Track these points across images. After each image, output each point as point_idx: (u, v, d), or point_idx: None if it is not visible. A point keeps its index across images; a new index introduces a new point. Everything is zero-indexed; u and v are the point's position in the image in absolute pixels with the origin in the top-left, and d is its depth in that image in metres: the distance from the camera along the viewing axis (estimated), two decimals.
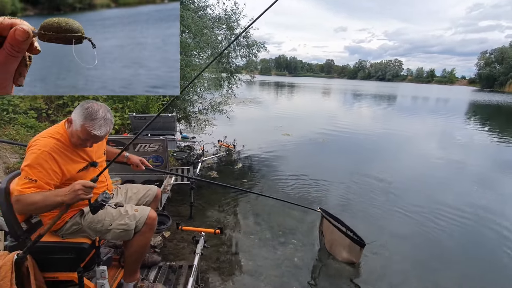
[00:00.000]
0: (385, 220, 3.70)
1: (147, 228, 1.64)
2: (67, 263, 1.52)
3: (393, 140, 8.60)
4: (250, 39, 9.63)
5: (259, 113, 12.42)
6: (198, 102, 6.64)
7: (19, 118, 3.33)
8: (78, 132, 1.40)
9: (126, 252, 1.68)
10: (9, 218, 1.42)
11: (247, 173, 5.00)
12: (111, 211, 1.61)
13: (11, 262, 1.33)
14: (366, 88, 47.77)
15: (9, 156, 2.93)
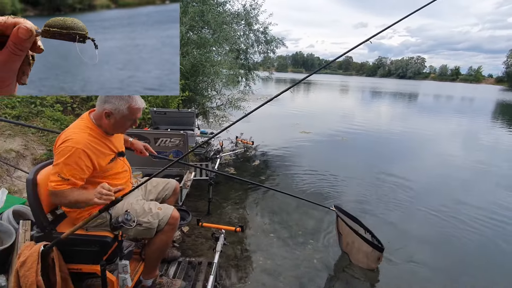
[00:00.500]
0: (406, 221, 3.54)
1: (169, 227, 1.63)
2: (90, 255, 1.53)
3: (415, 140, 8.26)
4: (268, 35, 9.51)
5: (275, 110, 12.29)
6: (216, 98, 6.62)
7: (46, 111, 3.43)
8: (127, 115, 1.47)
9: (147, 249, 1.67)
10: (35, 209, 1.43)
11: (264, 170, 4.95)
12: (135, 208, 1.60)
13: (38, 253, 1.35)
14: (385, 86, 46.36)
15: (36, 148, 3.02)
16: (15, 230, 1.82)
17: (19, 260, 1.34)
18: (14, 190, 2.43)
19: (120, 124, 1.50)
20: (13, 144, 2.85)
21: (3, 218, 1.84)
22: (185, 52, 5.23)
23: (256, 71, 9.55)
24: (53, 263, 1.41)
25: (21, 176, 2.59)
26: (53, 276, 1.41)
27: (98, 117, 1.49)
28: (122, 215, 1.33)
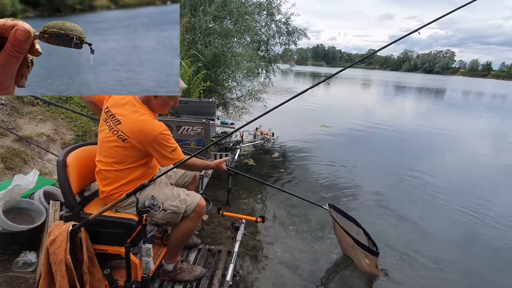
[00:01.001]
0: (430, 220, 3.39)
1: (195, 214, 1.65)
2: (115, 237, 1.56)
3: (440, 137, 7.86)
4: (290, 25, 9.30)
5: (295, 103, 12.02)
6: (237, 89, 6.60)
7: (74, 97, 3.55)
8: (172, 95, 1.56)
9: (172, 234, 1.69)
10: (65, 190, 1.47)
11: (283, 162, 4.90)
12: (164, 191, 1.62)
13: (66, 233, 1.39)
14: (411, 80, 44.40)
15: (66, 133, 3.14)
16: (46, 210, 1.91)
17: (49, 238, 1.39)
18: (45, 172, 2.54)
19: (165, 103, 1.60)
20: (44, 128, 2.98)
21: (35, 198, 1.93)
22: (207, 42, 5.22)
23: (277, 63, 9.41)
24: (80, 243, 1.45)
25: (51, 159, 2.70)
26: (80, 255, 1.45)
27: (146, 99, 1.57)
28: (149, 199, 1.34)
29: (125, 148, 1.49)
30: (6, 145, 2.46)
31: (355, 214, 3.36)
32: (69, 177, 1.52)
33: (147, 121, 1.49)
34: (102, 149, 1.55)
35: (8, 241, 1.71)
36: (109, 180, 1.54)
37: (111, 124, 1.51)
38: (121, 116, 1.50)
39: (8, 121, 2.75)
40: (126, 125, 1.48)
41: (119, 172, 1.53)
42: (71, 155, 1.58)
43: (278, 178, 4.25)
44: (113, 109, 1.54)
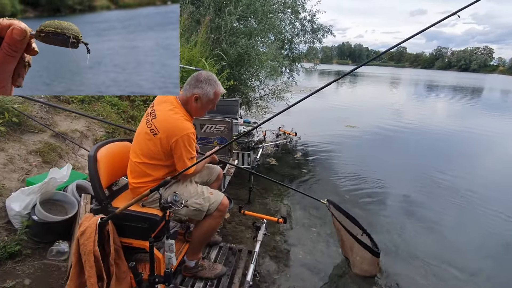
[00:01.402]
0: (460, 231, 3.16)
1: (218, 213, 1.66)
2: (140, 231, 1.60)
3: (476, 140, 7.32)
4: (315, 23, 9.12)
5: (319, 102, 11.87)
6: (260, 88, 6.59)
7: (106, 96, 3.72)
8: (212, 99, 1.63)
9: (194, 232, 1.72)
10: (94, 183, 1.54)
11: (306, 163, 4.82)
12: (189, 188, 1.65)
13: (95, 225, 1.45)
14: (444, 79, 41.86)
15: (97, 130, 3.30)
16: (78, 202, 2.01)
17: (79, 229, 1.46)
18: (78, 166, 2.69)
19: (204, 107, 1.65)
20: (78, 125, 3.15)
21: (68, 190, 2.04)
22: (232, 42, 5.25)
23: (301, 62, 9.28)
24: (108, 235, 1.51)
25: (83, 155, 2.85)
26: (107, 247, 1.51)
27: (186, 101, 1.61)
28: (171, 195, 1.37)
29: (154, 143, 1.54)
30: (44, 140, 2.63)
31: (381, 219, 3.23)
32: (99, 172, 1.58)
33: (179, 119, 1.54)
34: (136, 141, 1.63)
35: (45, 231, 1.83)
36: (136, 174, 1.60)
37: (149, 118, 1.59)
38: (158, 111, 1.57)
39: (47, 117, 2.94)
40: (159, 120, 1.54)
41: (146, 167, 1.58)
42: (101, 150, 1.64)
43: (299, 178, 4.19)
44: (156, 105, 1.62)
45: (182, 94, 1.63)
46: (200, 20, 5.30)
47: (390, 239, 2.87)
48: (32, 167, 2.33)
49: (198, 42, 4.62)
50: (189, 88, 1.60)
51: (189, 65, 4.20)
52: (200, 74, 1.62)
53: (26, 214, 1.84)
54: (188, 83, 1.61)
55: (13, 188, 2.09)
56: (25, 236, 1.80)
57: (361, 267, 2.17)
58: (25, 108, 2.69)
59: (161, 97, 1.66)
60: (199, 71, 1.66)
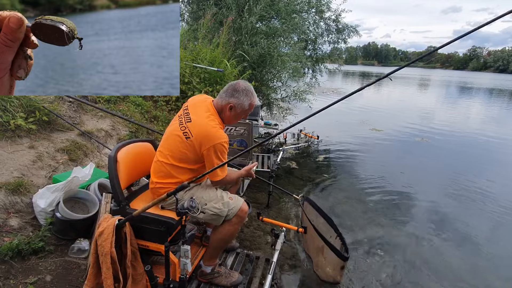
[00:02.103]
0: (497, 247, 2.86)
1: (237, 219, 1.62)
2: (157, 234, 1.58)
3: None
4: (340, 23, 8.86)
5: (342, 105, 11.50)
6: (281, 89, 6.49)
7: (130, 96, 3.82)
8: (246, 110, 1.64)
9: (212, 237, 1.67)
10: (114, 184, 1.54)
11: (327, 167, 4.65)
12: (208, 192, 1.63)
13: (113, 226, 1.44)
14: (479, 80, 39.23)
15: (121, 129, 3.38)
16: (99, 201, 2.04)
17: (98, 230, 1.46)
18: (102, 165, 2.76)
19: (237, 117, 1.66)
20: (103, 124, 3.24)
21: (90, 189, 2.08)
22: (253, 42, 5.21)
23: (324, 63, 9.05)
24: (125, 237, 1.50)
25: (107, 153, 2.93)
26: (124, 249, 1.50)
27: (221, 108, 1.62)
28: (188, 200, 1.33)
29: (186, 146, 1.53)
30: (71, 138, 2.73)
31: (406, 231, 3.02)
32: (119, 173, 1.59)
33: (214, 127, 1.53)
34: (166, 141, 1.62)
35: (67, 228, 1.87)
36: (161, 174, 1.60)
37: (182, 120, 1.58)
38: (194, 115, 1.56)
39: (74, 116, 3.06)
40: (194, 125, 1.53)
41: (172, 169, 1.58)
42: (122, 151, 1.65)
43: (320, 182, 4.05)
44: (190, 108, 1.62)
45: (217, 100, 1.62)
46: (223, 21, 5.31)
47: (415, 251, 2.67)
48: (59, 165, 2.41)
49: (221, 43, 4.62)
50: (225, 96, 1.60)
51: (211, 65, 4.21)
52: (238, 84, 1.61)
53: (51, 211, 1.89)
54: (225, 91, 1.61)
55: (40, 184, 2.17)
56: (48, 232, 1.85)
57: (325, 270, 1.92)
58: (55, 107, 2.80)
59: (196, 100, 1.66)
60: (237, 81, 1.65)
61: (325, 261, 1.88)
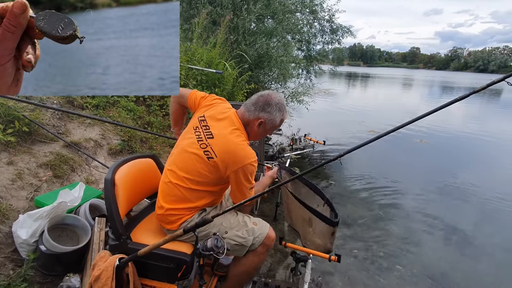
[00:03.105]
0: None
1: (263, 248, 1.36)
2: (165, 272, 1.32)
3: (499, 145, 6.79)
4: (334, 23, 8.75)
5: (337, 106, 11.49)
6: (280, 91, 6.28)
7: (121, 101, 3.50)
8: (276, 126, 1.42)
9: (233, 270, 1.42)
10: (112, 215, 1.26)
11: (332, 172, 4.48)
12: (229, 218, 1.37)
13: (112, 268, 1.17)
14: (460, 80, 40.45)
15: (112, 138, 3.07)
16: (91, 226, 1.75)
17: (93, 272, 1.19)
18: (92, 180, 2.45)
19: (265, 133, 1.45)
20: (92, 133, 2.92)
21: (80, 213, 1.78)
22: (252, 42, 4.98)
23: (318, 63, 8.93)
24: (127, 279, 1.23)
25: (97, 166, 2.61)
26: None
27: (247, 122, 1.38)
28: (212, 239, 1.07)
29: (207, 167, 1.29)
30: (55, 151, 2.40)
31: (412, 238, 2.87)
32: (117, 197, 1.31)
33: (242, 145, 1.30)
34: (180, 159, 1.34)
35: (53, 262, 1.57)
36: (174, 198, 1.32)
37: (201, 136, 1.32)
38: (216, 130, 1.31)
39: (59, 125, 2.72)
40: (218, 143, 1.29)
41: (189, 192, 1.31)
42: (120, 171, 1.37)
43: (325, 188, 3.87)
44: (210, 120, 1.36)
45: (244, 113, 1.37)
46: (218, 21, 5.05)
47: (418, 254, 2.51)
48: (42, 183, 2.09)
49: (218, 43, 4.35)
50: (254, 110, 1.36)
51: (208, 67, 3.94)
52: (270, 97, 1.37)
53: (34, 242, 1.59)
54: (254, 103, 1.36)
55: (20, 208, 1.85)
56: (31, 270, 1.54)
57: (315, 242, 1.67)
58: (37, 115, 2.46)
59: (216, 110, 1.39)
60: (267, 92, 1.41)
61: (314, 232, 1.64)
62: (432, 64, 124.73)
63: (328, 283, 2.24)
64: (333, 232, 1.54)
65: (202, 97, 1.48)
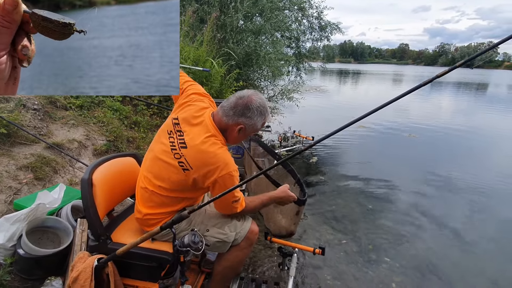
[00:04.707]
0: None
1: (247, 243, 1.34)
2: (147, 271, 1.30)
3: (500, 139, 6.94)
4: (323, 20, 8.79)
5: (327, 102, 11.54)
6: (269, 88, 6.27)
7: (107, 101, 3.43)
8: (256, 130, 1.33)
9: (217, 266, 1.40)
10: (90, 215, 1.23)
11: (322, 168, 4.49)
12: (209, 214, 1.34)
13: (91, 269, 1.14)
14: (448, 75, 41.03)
15: (97, 138, 3.01)
16: (73, 228, 1.71)
17: (71, 274, 1.16)
18: (76, 181, 2.40)
19: (244, 138, 1.35)
20: (76, 134, 2.86)
21: (62, 214, 1.74)
22: (239, 40, 4.95)
23: (308, 60, 8.98)
24: (107, 279, 1.20)
25: (82, 167, 2.56)
26: None
27: (225, 127, 1.27)
28: (189, 235, 1.05)
29: (183, 177, 1.22)
30: (37, 153, 2.34)
31: (401, 231, 2.89)
32: (96, 198, 1.28)
33: (218, 154, 1.20)
34: (155, 167, 1.27)
35: (32, 266, 1.53)
36: (151, 203, 1.28)
37: (175, 143, 1.24)
38: (189, 138, 1.22)
39: (41, 126, 2.65)
40: (191, 153, 1.20)
41: (167, 199, 1.27)
42: (98, 171, 1.34)
43: (316, 184, 3.88)
44: (183, 124, 1.27)
45: (221, 117, 1.25)
46: (205, 18, 5.00)
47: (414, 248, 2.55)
48: (22, 186, 2.03)
49: (205, 41, 4.31)
50: (233, 115, 1.24)
51: (196, 65, 3.90)
52: (250, 100, 1.24)
53: (11, 246, 1.54)
54: (233, 108, 1.24)
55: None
56: (8, 275, 1.49)
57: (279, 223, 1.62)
58: (15, 117, 2.39)
59: (189, 112, 1.29)
60: (247, 93, 1.27)
61: (280, 212, 1.58)
62: (421, 60, 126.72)
63: (317, 276, 2.24)
64: (297, 211, 1.47)
65: (180, 89, 1.40)
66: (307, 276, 2.23)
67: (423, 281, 2.29)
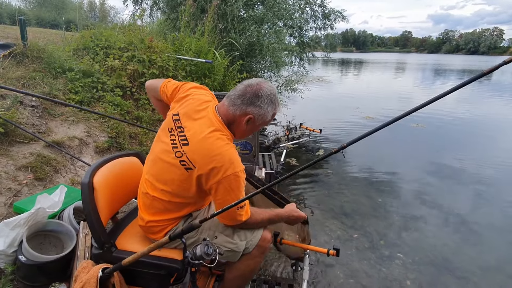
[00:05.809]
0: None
1: (259, 251, 1.23)
2: (156, 278, 1.22)
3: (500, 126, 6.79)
4: (326, 8, 8.51)
5: (331, 93, 11.37)
6: (273, 79, 6.11)
7: (107, 96, 3.33)
8: (267, 121, 1.21)
9: (228, 275, 1.31)
10: (92, 221, 1.14)
11: (329, 161, 4.39)
12: (217, 219, 1.22)
13: (96, 280, 1.06)
14: (451, 62, 40.48)
15: (99, 135, 2.92)
16: (76, 232, 1.63)
17: (75, 286, 1.08)
18: (78, 181, 2.31)
19: (254, 130, 1.22)
20: (77, 131, 2.76)
21: (64, 217, 1.66)
22: (241, 30, 4.78)
23: (311, 50, 8.74)
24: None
25: (84, 166, 2.47)
26: None
27: (232, 119, 1.14)
28: (201, 245, 0.96)
29: (186, 178, 1.11)
30: (36, 152, 2.25)
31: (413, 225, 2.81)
32: (98, 203, 1.19)
33: (223, 151, 1.07)
34: (156, 169, 1.18)
35: (35, 273, 1.46)
36: (154, 210, 1.18)
37: (176, 141, 1.13)
38: (191, 134, 1.11)
39: (40, 124, 2.56)
40: (193, 150, 1.09)
41: (170, 204, 1.17)
42: (98, 174, 1.24)
43: (323, 178, 3.80)
44: (184, 119, 1.15)
45: (227, 107, 1.13)
46: (205, 8, 4.82)
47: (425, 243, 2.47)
48: (22, 187, 1.95)
49: (206, 31, 4.16)
50: (240, 104, 1.11)
51: (197, 56, 3.76)
52: (260, 87, 1.12)
53: (12, 252, 1.47)
54: (241, 96, 1.12)
55: None
56: (11, 283, 1.43)
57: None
58: (12, 114, 2.29)
59: (190, 106, 1.17)
60: (256, 81, 1.15)
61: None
62: (424, 47, 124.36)
63: (330, 275, 2.18)
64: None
65: (175, 89, 1.27)
66: (319, 274, 2.17)
67: (439, 277, 2.22)
